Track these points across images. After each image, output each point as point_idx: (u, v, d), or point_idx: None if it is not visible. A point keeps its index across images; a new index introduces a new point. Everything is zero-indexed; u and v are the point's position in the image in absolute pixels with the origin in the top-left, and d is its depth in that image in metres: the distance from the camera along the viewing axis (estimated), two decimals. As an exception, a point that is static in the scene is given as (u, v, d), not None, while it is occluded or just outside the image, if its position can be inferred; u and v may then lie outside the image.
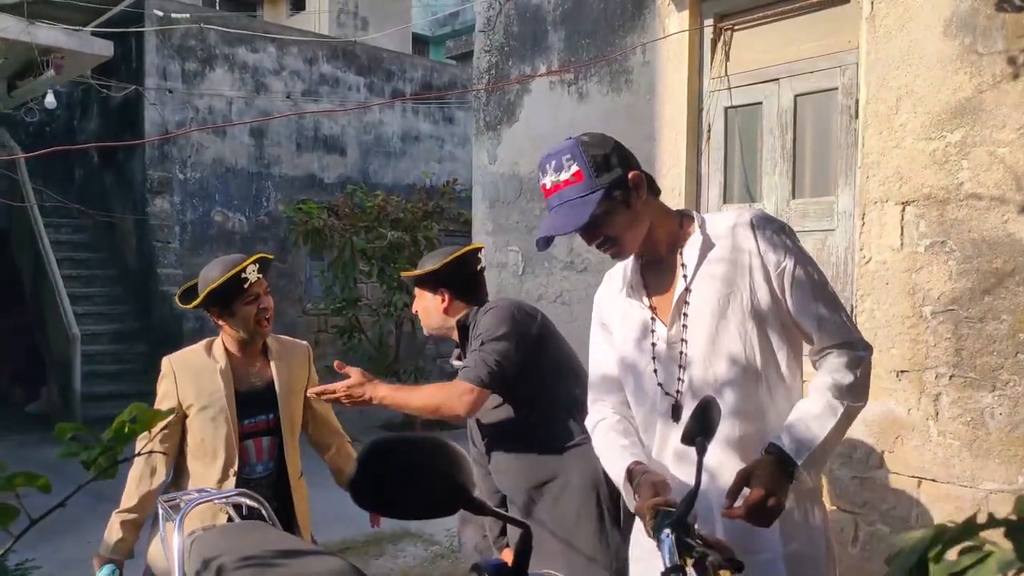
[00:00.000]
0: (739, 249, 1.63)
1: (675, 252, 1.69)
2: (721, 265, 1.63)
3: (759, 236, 1.62)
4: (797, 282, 1.61)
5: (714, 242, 1.66)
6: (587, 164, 1.61)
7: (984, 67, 2.66)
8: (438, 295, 2.41)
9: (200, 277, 2.50)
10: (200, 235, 10.37)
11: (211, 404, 2.45)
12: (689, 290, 1.64)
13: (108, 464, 0.87)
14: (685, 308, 1.65)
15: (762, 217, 1.67)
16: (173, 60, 10.16)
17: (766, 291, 1.61)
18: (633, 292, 1.74)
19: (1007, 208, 2.61)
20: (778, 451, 1.50)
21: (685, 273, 1.66)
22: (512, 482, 2.39)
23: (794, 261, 1.61)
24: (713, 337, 1.62)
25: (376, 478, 1.07)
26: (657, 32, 3.73)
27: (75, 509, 1.69)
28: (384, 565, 4.63)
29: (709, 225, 1.69)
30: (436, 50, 18.32)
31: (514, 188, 4.47)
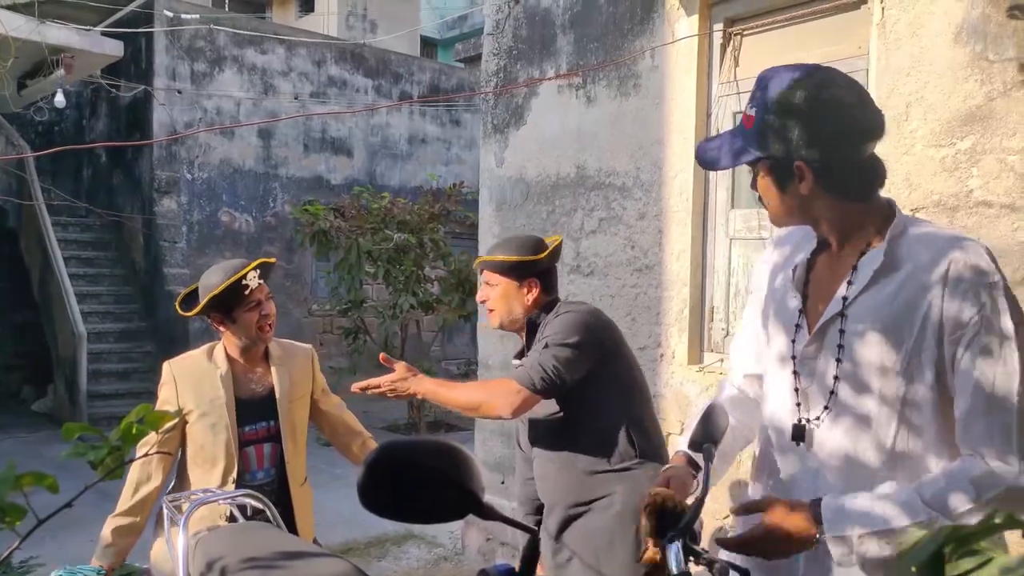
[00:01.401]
0: (923, 285, 1.28)
1: (853, 252, 1.38)
2: (892, 300, 1.31)
3: (951, 283, 1.26)
4: (968, 356, 1.25)
5: (897, 264, 1.32)
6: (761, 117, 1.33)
7: (995, 74, 2.65)
8: (525, 285, 2.28)
9: (200, 283, 2.46)
10: (207, 235, 10.40)
11: (211, 411, 2.42)
12: (845, 315, 1.35)
13: (115, 465, 0.87)
14: (839, 338, 1.36)
15: (971, 260, 1.27)
16: (182, 61, 10.20)
17: (933, 355, 1.28)
18: (795, 278, 1.46)
19: (1017, 216, 2.60)
20: (815, 510, 1.27)
21: (847, 294, 1.36)
22: (554, 496, 2.30)
23: (978, 330, 1.25)
24: (862, 375, 1.34)
25: (384, 482, 1.06)
26: (666, 36, 3.73)
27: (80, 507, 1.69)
28: (387, 567, 4.62)
29: (903, 239, 1.34)
30: (444, 53, 18.35)
31: (521, 191, 4.47)
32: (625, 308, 3.88)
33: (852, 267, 1.37)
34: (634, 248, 3.87)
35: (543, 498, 2.35)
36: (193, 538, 1.90)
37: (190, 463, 2.45)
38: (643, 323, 3.81)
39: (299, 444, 2.58)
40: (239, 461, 2.44)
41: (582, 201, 4.12)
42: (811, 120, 1.30)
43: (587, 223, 4.10)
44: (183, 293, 2.55)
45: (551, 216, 4.28)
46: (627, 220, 3.90)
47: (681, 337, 3.66)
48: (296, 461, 2.55)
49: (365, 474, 1.04)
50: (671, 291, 3.70)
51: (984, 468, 1.22)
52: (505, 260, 2.28)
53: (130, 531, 2.42)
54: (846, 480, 1.35)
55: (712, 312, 3.63)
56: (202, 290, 2.43)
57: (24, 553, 3.33)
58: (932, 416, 1.31)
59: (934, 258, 1.29)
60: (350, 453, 2.72)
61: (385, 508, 1.07)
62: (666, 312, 3.73)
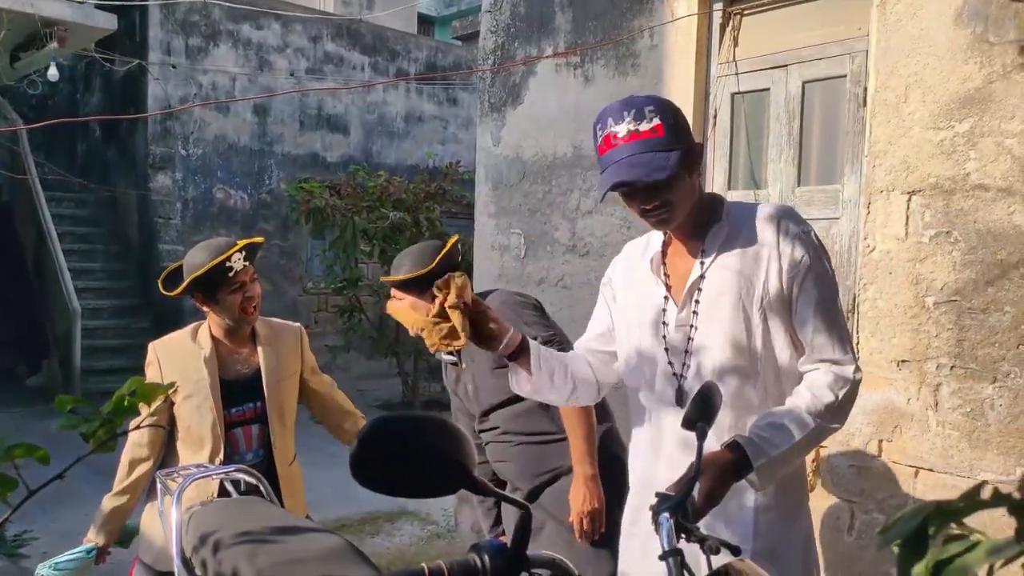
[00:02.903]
0: (760, 242, 1.62)
1: (699, 234, 1.67)
2: (739, 256, 1.62)
3: (782, 232, 1.61)
4: (806, 288, 1.59)
5: (737, 231, 1.65)
6: (669, 120, 1.56)
7: (995, 56, 2.64)
8: (426, 296, 2.24)
9: (184, 262, 2.40)
10: (202, 212, 10.35)
11: (196, 392, 2.39)
12: (704, 276, 1.64)
13: (107, 437, 0.87)
14: (698, 294, 1.64)
15: (789, 214, 1.65)
16: (177, 35, 10.10)
17: (777, 289, 1.60)
18: (653, 267, 1.73)
19: (1013, 199, 2.60)
20: (737, 450, 1.49)
21: (703, 259, 1.65)
22: (519, 473, 2.37)
23: (809, 266, 1.59)
24: (720, 327, 1.61)
25: (377, 456, 1.07)
26: (665, 16, 3.70)
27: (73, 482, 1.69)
28: (380, 544, 4.65)
29: (735, 213, 1.67)
30: (442, 30, 18.20)
31: (517, 171, 4.45)
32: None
33: (702, 244, 1.66)
34: (630, 228, 3.86)
35: (503, 476, 2.43)
36: (186, 512, 1.90)
37: (179, 443, 2.44)
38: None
39: (287, 424, 2.55)
40: (227, 443, 2.42)
41: (578, 181, 4.11)
42: (683, 115, 1.62)
43: (583, 203, 4.08)
44: (166, 271, 2.48)
45: (547, 196, 4.27)
46: (623, 201, 3.89)
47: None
48: (284, 442, 2.52)
49: (358, 448, 1.04)
50: (666, 272, 3.70)
51: (832, 373, 1.58)
52: (400, 279, 2.33)
53: (123, 510, 2.43)
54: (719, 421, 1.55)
55: (707, 293, 3.64)
56: (186, 269, 2.38)
57: (17, 527, 3.34)
58: (785, 347, 1.61)
59: (765, 221, 1.63)
60: (341, 433, 2.69)
61: (377, 483, 1.07)
62: (661, 293, 3.73)
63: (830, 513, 3.04)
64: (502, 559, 1.13)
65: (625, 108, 1.57)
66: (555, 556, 1.20)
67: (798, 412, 1.54)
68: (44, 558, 2.39)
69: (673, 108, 1.60)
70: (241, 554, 1.61)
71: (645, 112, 1.54)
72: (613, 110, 1.59)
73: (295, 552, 1.62)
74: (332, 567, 1.55)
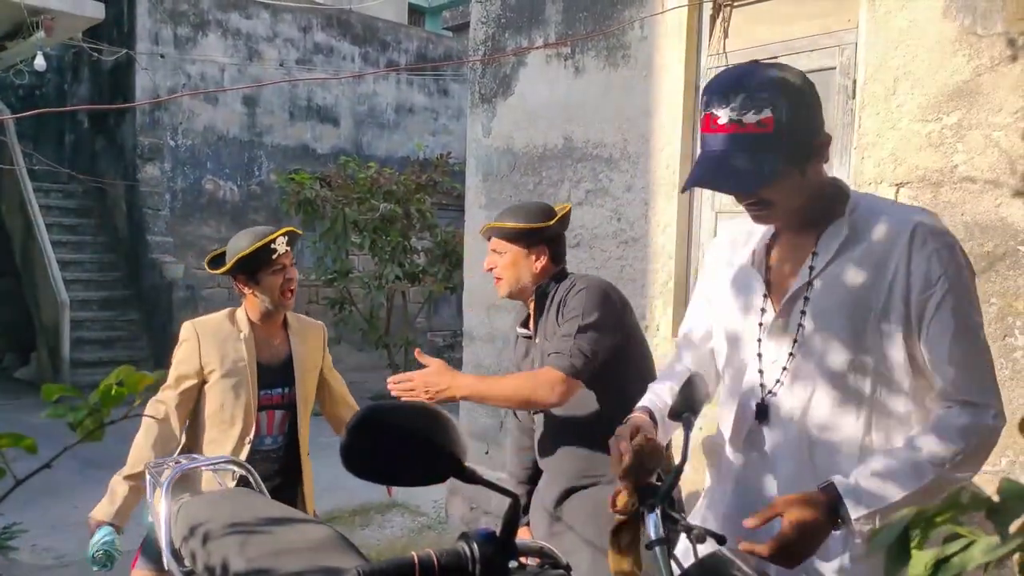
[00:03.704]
0: (886, 252, 1.35)
1: (813, 230, 1.43)
2: (858, 265, 1.37)
3: (916, 243, 1.33)
4: (941, 315, 1.31)
5: (860, 232, 1.38)
6: (784, 114, 1.29)
7: (983, 49, 2.65)
8: (533, 253, 2.23)
9: (229, 245, 2.54)
10: (191, 203, 10.30)
11: (233, 371, 2.48)
12: (811, 284, 1.40)
13: (95, 427, 0.87)
14: (803, 304, 1.41)
15: (928, 221, 1.36)
16: (165, 25, 10.03)
17: (901, 313, 1.34)
18: (755, 261, 1.50)
19: (1000, 192, 2.62)
20: (833, 494, 1.27)
21: (813, 263, 1.41)
22: (559, 467, 2.25)
23: (947, 289, 1.31)
24: (824, 346, 1.39)
25: (367, 445, 1.07)
26: (656, 7, 3.70)
27: (62, 474, 1.69)
28: (371, 535, 4.66)
29: (861, 209, 1.41)
30: (432, 20, 18.13)
31: (508, 162, 4.44)
32: (610, 280, 3.88)
33: (815, 244, 1.41)
34: (620, 220, 3.87)
35: (545, 468, 2.31)
36: (176, 503, 1.90)
37: (208, 423, 2.50)
38: (628, 295, 3.80)
39: (308, 414, 2.66)
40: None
41: (569, 173, 4.11)
42: (813, 99, 1.35)
43: (574, 195, 4.09)
44: (211, 254, 2.63)
45: (538, 187, 4.26)
46: (614, 192, 3.90)
47: (665, 310, 3.67)
48: (306, 431, 2.64)
49: (348, 437, 1.05)
50: (656, 264, 3.71)
51: (966, 416, 1.30)
52: (514, 227, 2.22)
53: (142, 492, 2.40)
54: (807, 449, 1.40)
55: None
56: (230, 251, 2.51)
57: (6, 519, 3.33)
58: (904, 376, 1.36)
59: (896, 226, 1.35)
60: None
61: (368, 471, 1.08)
62: (651, 285, 3.74)
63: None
64: (491, 547, 1.13)
65: (734, 89, 1.30)
66: (543, 544, 1.21)
67: (916, 459, 1.28)
68: (34, 550, 2.39)
69: (795, 92, 1.32)
70: (231, 545, 1.61)
71: (756, 99, 1.29)
72: (721, 86, 1.33)
73: (285, 543, 1.62)
74: (322, 557, 1.55)
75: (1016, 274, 2.59)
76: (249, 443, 2.47)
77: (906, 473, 1.28)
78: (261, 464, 2.49)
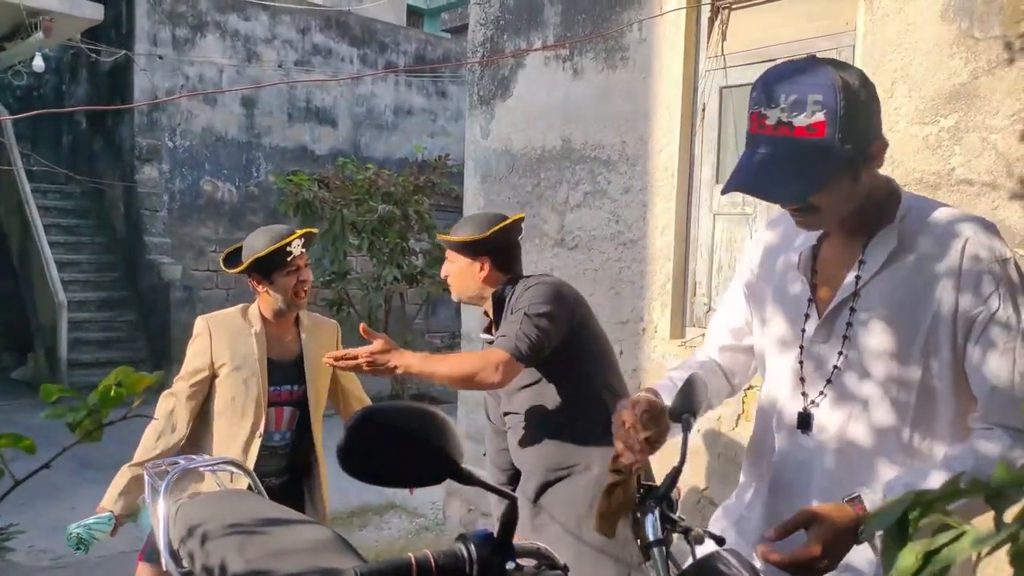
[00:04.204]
0: (937, 264, 1.29)
1: (862, 234, 1.36)
2: (907, 276, 1.31)
3: (968, 257, 1.27)
4: (989, 334, 1.26)
5: (910, 240, 1.32)
6: (838, 119, 1.22)
7: (980, 52, 2.65)
8: (477, 262, 2.34)
9: (245, 244, 2.57)
10: (189, 204, 10.30)
11: (244, 365, 2.52)
12: (858, 295, 1.35)
13: (93, 427, 0.87)
14: (849, 315, 1.36)
15: (983, 240, 1.29)
16: (164, 26, 10.04)
17: (949, 329, 1.28)
18: (801, 264, 1.43)
19: (998, 194, 2.62)
20: (859, 508, 1.22)
21: (860, 272, 1.34)
22: (532, 463, 2.33)
23: (997, 306, 1.26)
24: (868, 359, 1.34)
25: (364, 446, 1.07)
26: (654, 9, 3.70)
27: (60, 475, 1.69)
28: (369, 536, 4.66)
29: (914, 214, 1.34)
30: (431, 22, 18.14)
31: (506, 163, 4.45)
32: (608, 282, 3.89)
33: (862, 250, 1.35)
34: (618, 222, 3.87)
35: (520, 466, 2.39)
36: (174, 505, 1.90)
37: (218, 415, 2.54)
38: (626, 297, 3.83)
39: (320, 412, 2.69)
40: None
41: (567, 174, 4.11)
42: (871, 101, 1.30)
43: (572, 196, 4.09)
44: (226, 252, 2.66)
45: (536, 189, 4.27)
46: (612, 194, 3.90)
47: (664, 312, 3.68)
48: (318, 429, 2.67)
49: (345, 438, 1.05)
50: (654, 265, 3.71)
51: (1008, 442, 1.23)
52: (455, 240, 2.36)
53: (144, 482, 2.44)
54: (847, 464, 1.36)
55: (695, 287, 3.65)
56: (246, 251, 2.54)
57: (3, 520, 3.32)
58: (949, 395, 1.31)
59: (947, 238, 1.29)
60: None
61: (365, 472, 1.08)
62: (649, 286, 3.74)
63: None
64: (488, 548, 1.14)
65: (785, 88, 1.23)
66: (540, 545, 1.21)
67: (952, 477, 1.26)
68: (31, 551, 2.39)
69: (852, 94, 1.24)
70: (229, 545, 1.61)
71: (808, 103, 1.21)
72: (771, 83, 1.25)
73: (283, 544, 1.62)
74: (320, 558, 1.55)
75: (1013, 276, 2.60)
76: (259, 437, 2.51)
77: None
78: (270, 460, 2.54)
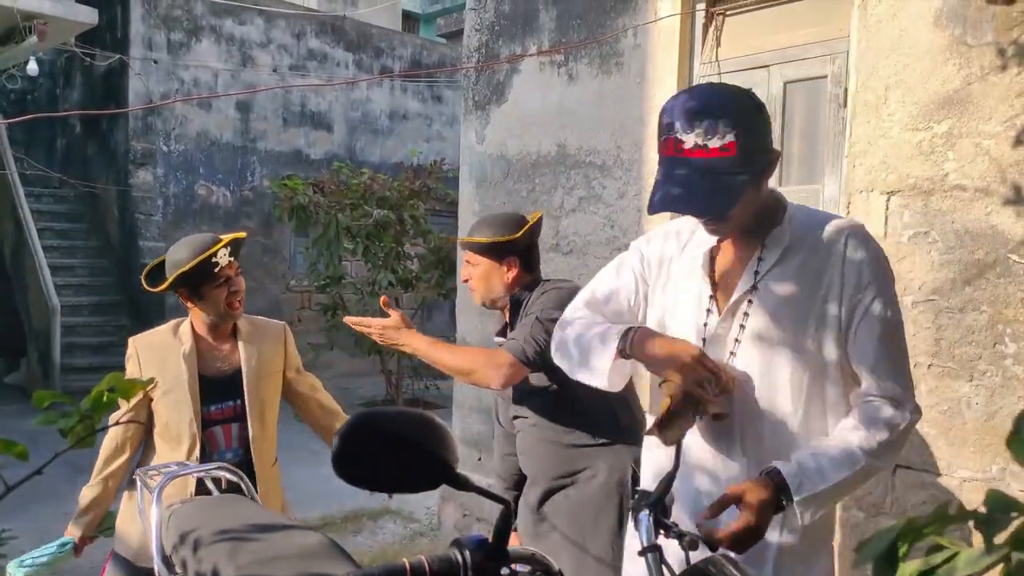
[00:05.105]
0: (823, 260, 1.49)
1: (756, 237, 1.53)
2: (797, 273, 1.50)
3: (849, 253, 1.48)
4: (869, 317, 1.46)
5: (798, 242, 1.51)
6: (745, 139, 1.38)
7: (973, 58, 2.67)
8: (504, 264, 2.29)
9: (167, 258, 2.38)
10: (183, 208, 10.28)
11: (174, 388, 2.37)
12: (756, 288, 1.51)
13: (86, 433, 0.86)
14: (747, 307, 1.52)
15: (860, 233, 1.51)
16: (159, 30, 10.02)
17: (836, 316, 1.47)
18: (703, 264, 1.58)
19: (991, 200, 2.63)
20: (778, 479, 1.38)
21: (758, 269, 1.52)
22: (538, 468, 2.31)
23: (875, 294, 1.46)
24: (767, 348, 1.49)
25: (358, 451, 1.07)
26: (649, 15, 3.72)
27: (52, 480, 1.68)
28: (363, 542, 4.64)
29: (799, 219, 1.53)
30: (426, 28, 18.17)
31: (501, 169, 4.45)
32: (603, 287, 3.89)
33: (760, 248, 1.53)
34: (613, 227, 3.88)
35: (526, 471, 2.36)
36: (167, 510, 1.89)
37: (157, 439, 2.43)
38: (621, 302, 3.83)
39: (268, 424, 2.51)
40: (206, 441, 2.40)
41: (562, 179, 4.12)
42: (766, 118, 1.48)
43: (567, 201, 4.09)
44: (148, 267, 2.47)
45: (531, 194, 4.27)
46: (607, 199, 3.90)
47: (658, 316, 3.68)
48: (264, 442, 2.49)
49: (339, 443, 1.05)
50: (649, 270, 3.72)
51: (889, 411, 1.45)
52: (483, 241, 2.30)
53: (100, 502, 2.42)
54: (753, 441, 1.51)
55: (689, 292, 3.66)
56: (169, 266, 2.35)
57: (-4, 525, 3.29)
58: (836, 374, 1.50)
59: (830, 236, 1.50)
60: (324, 433, 2.66)
61: (359, 478, 1.08)
62: (644, 291, 3.74)
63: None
64: (483, 554, 1.13)
65: (698, 117, 1.38)
66: (535, 551, 1.21)
67: (849, 446, 1.42)
68: (24, 557, 2.37)
69: (751, 114, 1.43)
70: (222, 552, 1.61)
71: (719, 127, 1.37)
72: (685, 113, 1.40)
73: (276, 550, 1.61)
74: (313, 565, 1.55)
75: (1006, 282, 2.60)
76: (197, 460, 2.36)
77: (841, 460, 1.41)
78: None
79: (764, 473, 1.40)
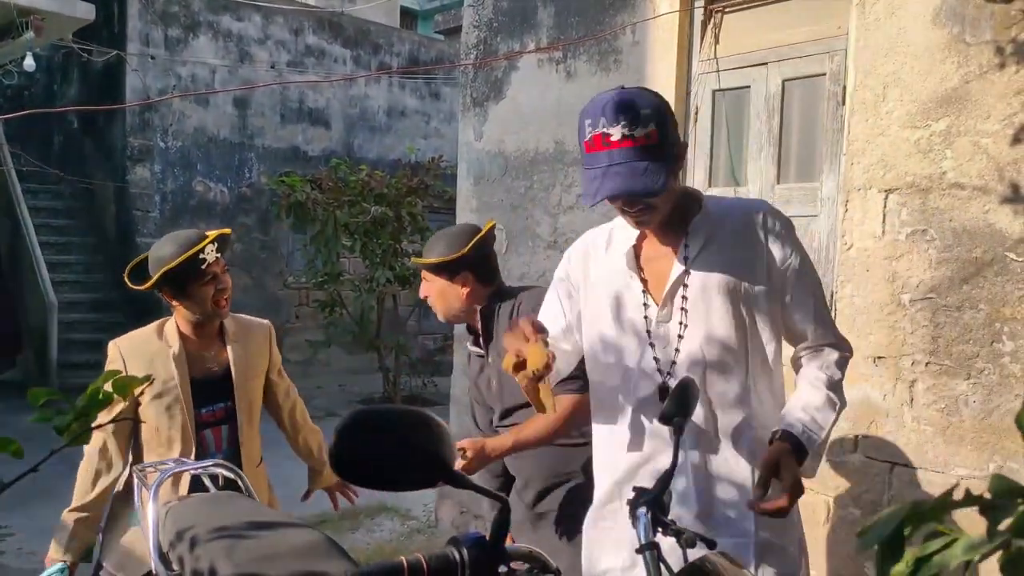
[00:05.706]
0: (746, 239, 1.65)
1: (678, 230, 1.67)
2: (724, 252, 1.64)
3: (768, 229, 1.64)
4: (800, 279, 1.65)
5: (718, 227, 1.66)
6: (665, 127, 1.54)
7: (971, 56, 2.67)
8: (457, 281, 2.26)
9: (151, 255, 2.29)
10: (180, 205, 10.26)
11: (165, 392, 2.28)
12: (689, 272, 1.64)
13: (82, 430, 0.86)
14: (683, 291, 1.64)
15: (772, 210, 1.69)
16: (156, 26, 10.00)
17: (766, 285, 1.63)
18: (628, 262, 1.70)
19: (988, 198, 2.63)
20: (793, 439, 1.53)
21: (687, 255, 1.65)
22: (530, 470, 2.30)
23: (799, 258, 1.65)
24: (708, 324, 1.62)
25: (356, 449, 1.07)
26: (647, 12, 3.71)
27: (49, 477, 1.68)
28: (360, 539, 4.64)
29: (713, 208, 1.68)
30: (424, 24, 18.14)
31: (499, 165, 4.45)
32: (601, 284, 3.89)
33: (684, 236, 1.66)
34: (611, 224, 3.87)
35: (517, 473, 2.36)
36: (164, 507, 1.89)
37: (146, 447, 2.33)
38: (619, 299, 3.83)
39: (254, 424, 2.47)
40: (197, 444, 2.34)
41: (560, 176, 4.11)
42: (672, 113, 1.61)
43: (565, 199, 4.09)
44: (131, 265, 2.37)
45: (529, 191, 4.27)
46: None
47: (656, 314, 3.68)
48: (251, 443, 2.45)
49: (336, 441, 1.04)
50: (647, 268, 3.71)
51: (836, 354, 1.67)
52: (432, 262, 2.27)
53: (91, 524, 2.34)
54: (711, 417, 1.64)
55: (687, 289, 3.66)
56: (153, 263, 2.27)
57: (-7, 523, 3.29)
58: (770, 339, 1.66)
59: (748, 216, 1.66)
60: (293, 443, 2.67)
61: (357, 475, 1.07)
62: (642, 289, 3.74)
63: (805, 508, 3.06)
64: (480, 551, 1.13)
65: (622, 111, 1.52)
66: (532, 548, 1.21)
67: (826, 394, 1.61)
68: (19, 554, 2.36)
69: (666, 109, 1.58)
70: (219, 549, 1.60)
71: (641, 117, 1.51)
72: (608, 109, 1.53)
73: (273, 547, 1.61)
74: (310, 562, 1.54)
75: (1004, 280, 2.60)
76: None
77: (826, 406, 1.60)
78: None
79: (779, 437, 1.54)
